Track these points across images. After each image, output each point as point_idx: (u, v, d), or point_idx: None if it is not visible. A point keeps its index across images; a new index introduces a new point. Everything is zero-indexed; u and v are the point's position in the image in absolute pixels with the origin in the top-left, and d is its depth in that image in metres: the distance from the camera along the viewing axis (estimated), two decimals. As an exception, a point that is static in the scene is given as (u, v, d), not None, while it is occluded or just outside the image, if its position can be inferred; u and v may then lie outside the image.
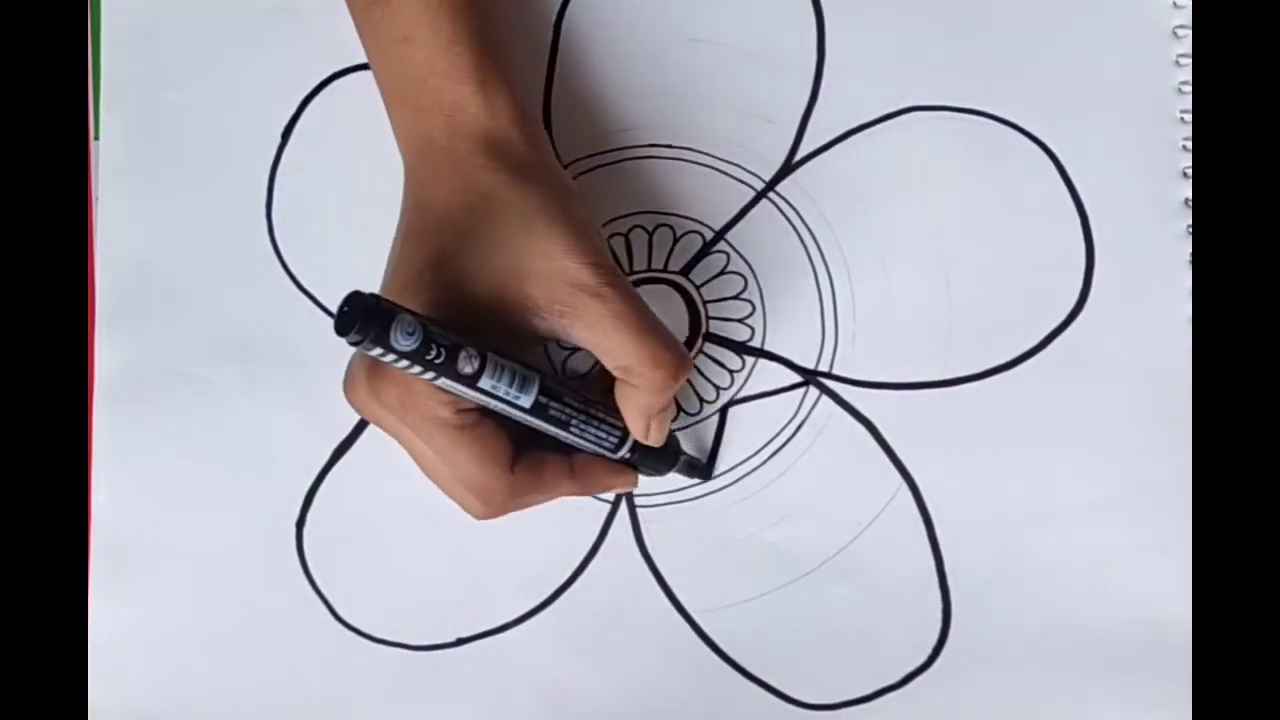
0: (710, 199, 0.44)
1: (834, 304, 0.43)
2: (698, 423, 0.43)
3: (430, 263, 0.36)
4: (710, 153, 0.44)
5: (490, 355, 0.35)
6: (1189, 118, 0.43)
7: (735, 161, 0.44)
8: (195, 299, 0.44)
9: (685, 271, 0.44)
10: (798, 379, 0.43)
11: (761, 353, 0.43)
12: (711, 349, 0.43)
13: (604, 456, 0.39)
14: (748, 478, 0.43)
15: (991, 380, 0.42)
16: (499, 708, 0.42)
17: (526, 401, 0.36)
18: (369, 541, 0.43)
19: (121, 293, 0.44)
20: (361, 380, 0.36)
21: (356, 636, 0.43)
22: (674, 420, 0.43)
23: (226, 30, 0.45)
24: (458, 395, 0.35)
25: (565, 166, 0.44)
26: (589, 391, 0.38)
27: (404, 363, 0.33)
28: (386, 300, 0.33)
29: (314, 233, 0.44)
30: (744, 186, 0.44)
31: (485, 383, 0.35)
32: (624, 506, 0.43)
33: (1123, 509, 0.42)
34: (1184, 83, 0.43)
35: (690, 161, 0.44)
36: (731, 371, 0.43)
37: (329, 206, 0.44)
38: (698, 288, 0.44)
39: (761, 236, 0.43)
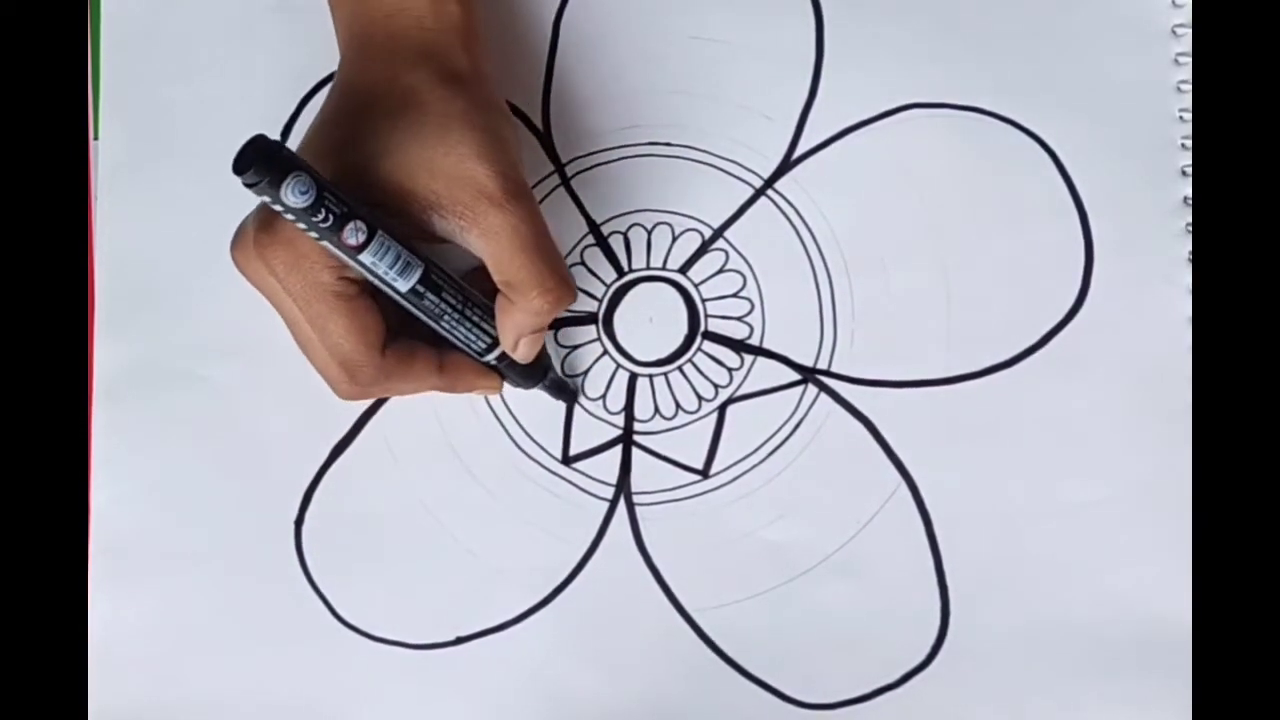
0: (709, 197, 0.44)
1: (833, 302, 0.43)
2: (697, 421, 0.43)
3: (345, 140, 0.37)
4: (709, 150, 0.44)
5: (380, 233, 0.36)
6: (1188, 116, 0.43)
7: (734, 159, 0.44)
8: (195, 299, 0.44)
9: (684, 269, 0.44)
10: (796, 377, 0.43)
11: (760, 350, 0.43)
12: (710, 347, 0.43)
13: (474, 358, 0.40)
14: (746, 476, 0.43)
15: (991, 378, 0.42)
16: (498, 706, 0.42)
17: (404, 286, 0.37)
18: (368, 540, 0.43)
19: (121, 292, 0.44)
20: (250, 239, 0.37)
21: (355, 635, 0.43)
22: (672, 418, 0.43)
23: (226, 30, 0.45)
24: (342, 264, 0.36)
25: (564, 165, 0.44)
26: (473, 292, 0.39)
27: (291, 217, 0.34)
28: (290, 152, 0.34)
29: (313, 232, 0.44)
30: (743, 184, 0.44)
31: (367, 257, 0.36)
32: (623, 505, 0.43)
33: (1122, 507, 0.42)
34: (1183, 81, 0.43)
35: (689, 159, 0.44)
36: (730, 369, 0.43)
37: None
38: (696, 286, 0.44)
39: (760, 234, 0.43)
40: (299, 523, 0.43)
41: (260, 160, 0.33)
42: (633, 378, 0.43)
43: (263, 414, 0.44)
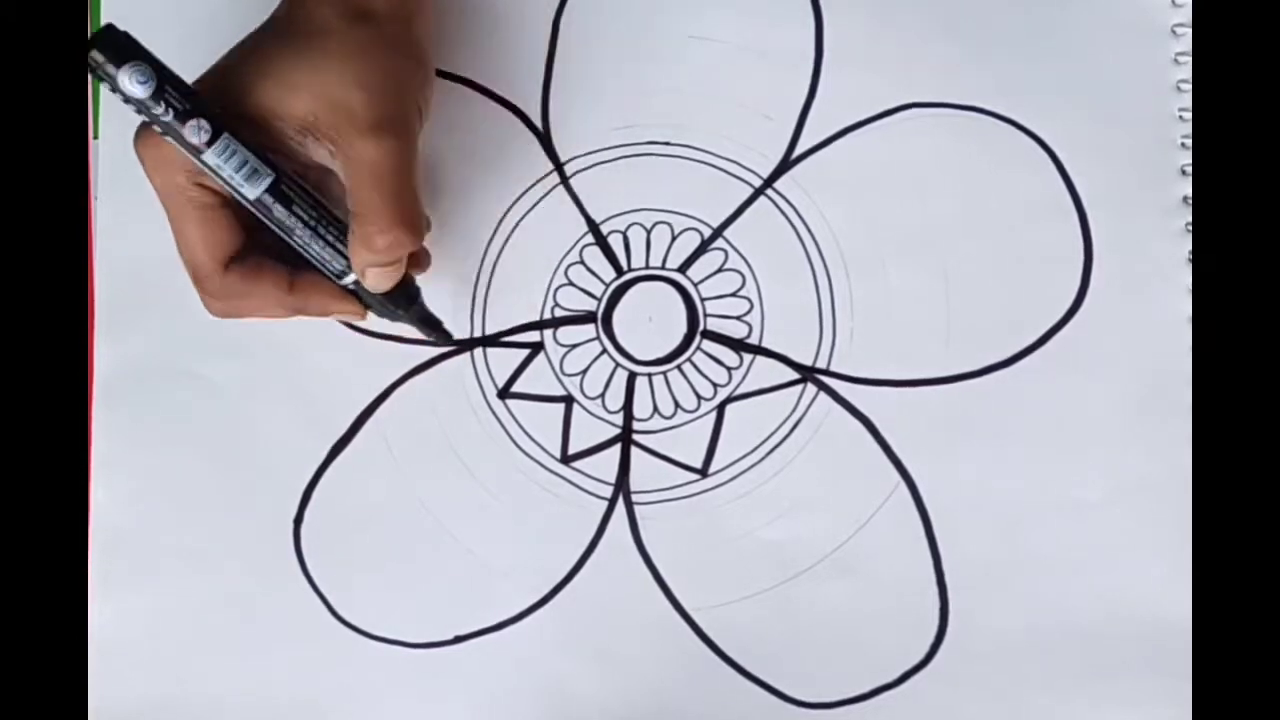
0: (708, 196, 0.44)
1: (832, 301, 0.43)
2: (696, 420, 0.43)
3: (245, 61, 0.38)
4: (708, 150, 0.44)
5: (227, 135, 0.36)
6: (1188, 115, 0.43)
7: (733, 158, 0.44)
8: (195, 299, 0.44)
9: (683, 269, 0.44)
10: (796, 376, 0.43)
11: (759, 350, 0.43)
12: (709, 346, 0.43)
13: (332, 280, 0.40)
14: (745, 475, 0.43)
15: (990, 377, 0.42)
16: (496, 705, 0.42)
17: (251, 193, 0.37)
18: (367, 539, 0.43)
19: (120, 292, 0.45)
20: (137, 134, 0.38)
21: (354, 634, 0.43)
22: (671, 418, 0.43)
23: (226, 29, 0.45)
24: (199, 170, 0.37)
25: (563, 164, 0.44)
26: (331, 212, 0.39)
27: (134, 109, 0.35)
28: (137, 44, 0.35)
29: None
30: (742, 183, 0.44)
31: (211, 157, 0.36)
32: (622, 504, 0.43)
33: (1122, 506, 0.42)
34: (1183, 80, 0.43)
35: (689, 159, 0.44)
36: (729, 368, 0.43)
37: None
38: (696, 285, 0.44)
39: (760, 233, 0.43)
40: (298, 522, 0.43)
41: (106, 45, 0.35)
42: (632, 377, 0.44)
43: (262, 413, 0.44)
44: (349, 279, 0.39)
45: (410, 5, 0.40)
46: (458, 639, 0.43)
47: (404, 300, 0.41)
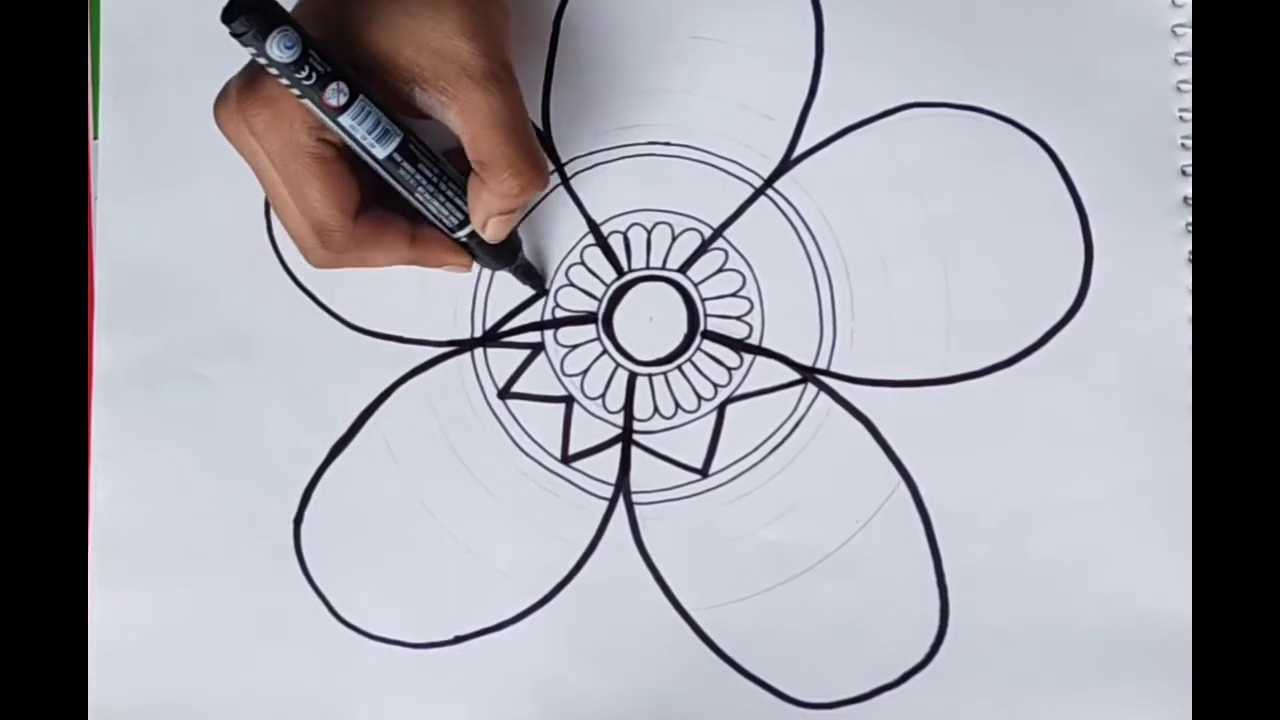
0: (709, 196, 0.44)
1: (832, 301, 0.43)
2: (697, 420, 0.43)
3: (335, 5, 0.37)
4: (709, 150, 0.44)
5: (362, 97, 0.36)
6: (1188, 115, 0.43)
7: (734, 158, 0.44)
8: (194, 297, 0.44)
9: (684, 269, 0.44)
10: (796, 376, 0.43)
11: (760, 350, 0.43)
12: (710, 346, 0.43)
13: (446, 234, 0.40)
14: (746, 475, 0.43)
15: (990, 378, 0.42)
16: (496, 705, 0.42)
17: (381, 152, 0.37)
18: (367, 538, 0.43)
19: (120, 291, 0.45)
20: (233, 98, 0.37)
21: (354, 634, 0.43)
22: (671, 418, 0.43)
23: (226, 29, 0.45)
24: (321, 126, 0.37)
25: (565, 164, 0.44)
26: (449, 168, 0.39)
27: (276, 72, 0.35)
28: (279, 6, 0.35)
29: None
30: (742, 184, 0.44)
31: (348, 119, 0.36)
32: (622, 504, 0.43)
33: (1122, 506, 0.42)
34: (1183, 81, 0.43)
35: (689, 159, 0.44)
36: (730, 369, 0.43)
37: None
38: (696, 285, 0.44)
39: (760, 234, 0.43)
40: (298, 521, 0.43)
41: (249, 10, 0.34)
42: (632, 377, 0.44)
43: (262, 412, 0.44)
44: (463, 232, 0.40)
45: None
46: (458, 639, 0.43)
47: (510, 252, 0.42)
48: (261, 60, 0.35)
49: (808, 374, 0.43)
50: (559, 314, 0.44)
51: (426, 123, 0.38)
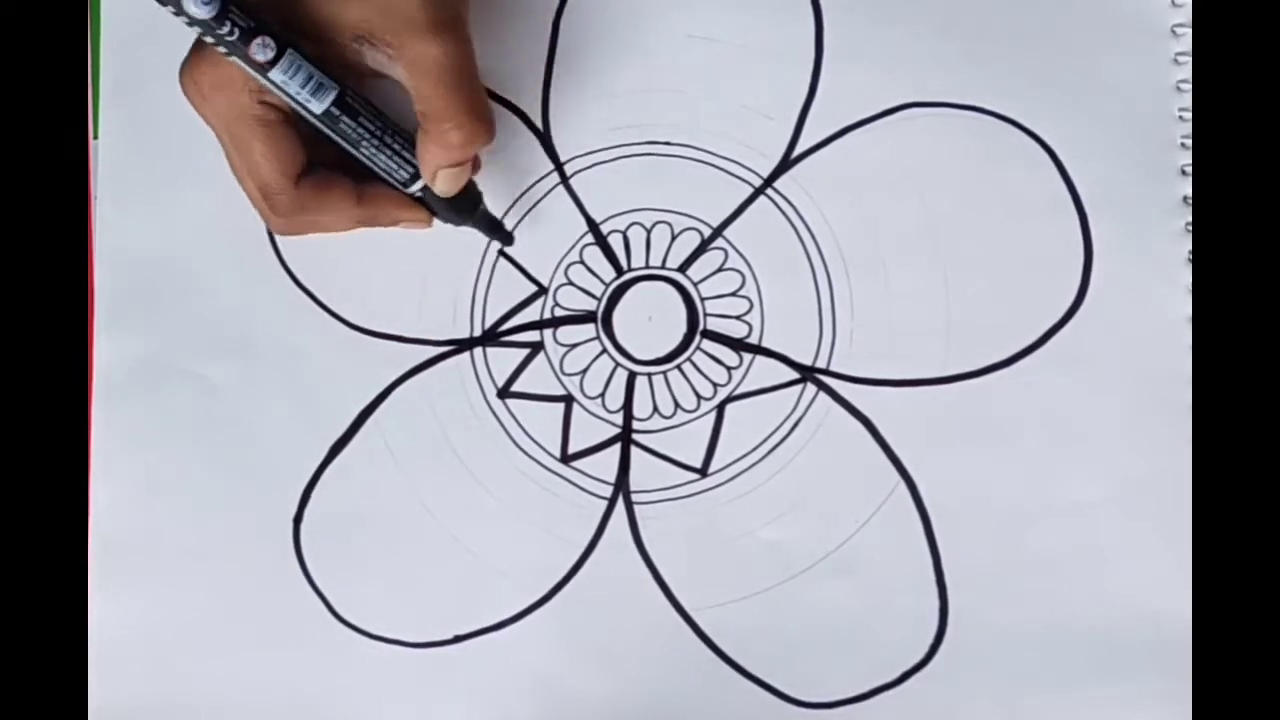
0: (708, 196, 0.44)
1: (832, 300, 0.43)
2: (696, 420, 0.43)
3: None
4: (708, 149, 0.44)
5: (291, 51, 0.36)
6: (1188, 115, 0.43)
7: (733, 158, 0.44)
8: (194, 297, 0.44)
9: (683, 268, 0.44)
10: (795, 376, 0.43)
11: (759, 349, 0.43)
12: (709, 345, 0.43)
13: (398, 189, 0.40)
14: (745, 475, 0.43)
15: (990, 377, 0.42)
16: (496, 705, 0.42)
17: (318, 107, 0.38)
18: (366, 538, 0.43)
19: (121, 291, 0.45)
20: (187, 63, 0.38)
21: (353, 633, 0.43)
22: (671, 417, 0.43)
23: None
24: (263, 88, 0.37)
25: (563, 164, 0.44)
26: (393, 122, 0.39)
27: (199, 30, 0.35)
28: None
29: (313, 230, 0.44)
30: (742, 183, 0.44)
31: (278, 74, 0.36)
32: (621, 504, 0.43)
33: (1122, 506, 0.42)
34: (1183, 80, 0.43)
35: (688, 158, 0.44)
36: (729, 368, 0.43)
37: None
38: (695, 284, 0.44)
39: (759, 233, 0.43)
40: (298, 521, 0.44)
41: None
42: (631, 376, 0.44)
43: (262, 413, 0.44)
44: (416, 186, 0.40)
45: None
46: (458, 639, 0.43)
47: (468, 204, 0.41)
48: (183, 19, 0.35)
49: (807, 373, 0.43)
50: (558, 313, 0.44)
51: (388, 83, 0.38)
